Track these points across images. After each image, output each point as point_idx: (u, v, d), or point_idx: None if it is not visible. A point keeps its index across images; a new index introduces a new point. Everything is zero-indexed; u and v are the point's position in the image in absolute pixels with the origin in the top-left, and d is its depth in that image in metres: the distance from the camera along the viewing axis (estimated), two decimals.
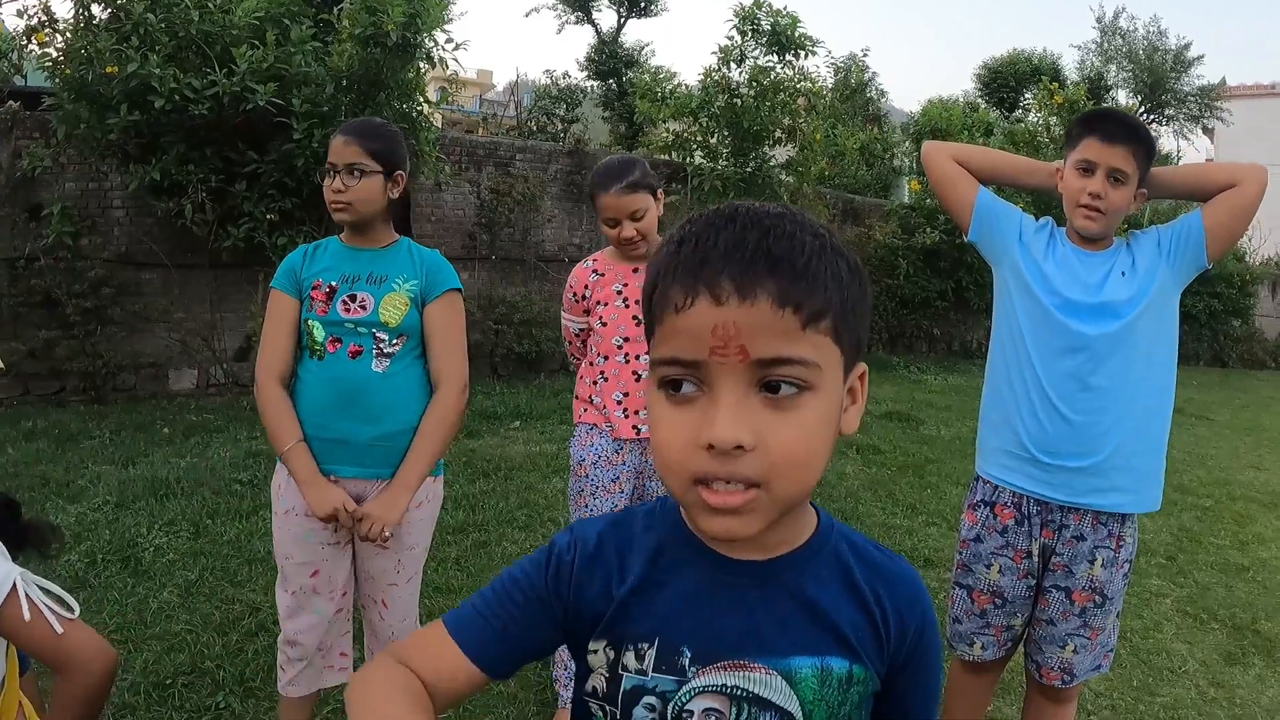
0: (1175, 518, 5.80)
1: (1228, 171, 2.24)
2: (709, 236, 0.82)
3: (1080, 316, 2.22)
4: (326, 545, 2.32)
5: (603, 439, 2.75)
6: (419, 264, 2.35)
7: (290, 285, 2.33)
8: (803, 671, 0.91)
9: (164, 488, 4.86)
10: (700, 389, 0.82)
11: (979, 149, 2.54)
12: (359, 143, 2.29)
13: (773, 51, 9.81)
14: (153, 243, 7.23)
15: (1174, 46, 21.30)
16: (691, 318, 0.80)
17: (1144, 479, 2.26)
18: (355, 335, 2.27)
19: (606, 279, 2.80)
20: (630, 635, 0.94)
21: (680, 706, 0.91)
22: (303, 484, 2.23)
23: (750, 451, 0.79)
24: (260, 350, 2.33)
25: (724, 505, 0.81)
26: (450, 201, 8.86)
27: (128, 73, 6.05)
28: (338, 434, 2.26)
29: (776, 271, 0.80)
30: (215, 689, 2.95)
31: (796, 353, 0.80)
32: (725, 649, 0.91)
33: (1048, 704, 2.43)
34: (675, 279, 0.83)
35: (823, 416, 0.83)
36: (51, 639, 1.34)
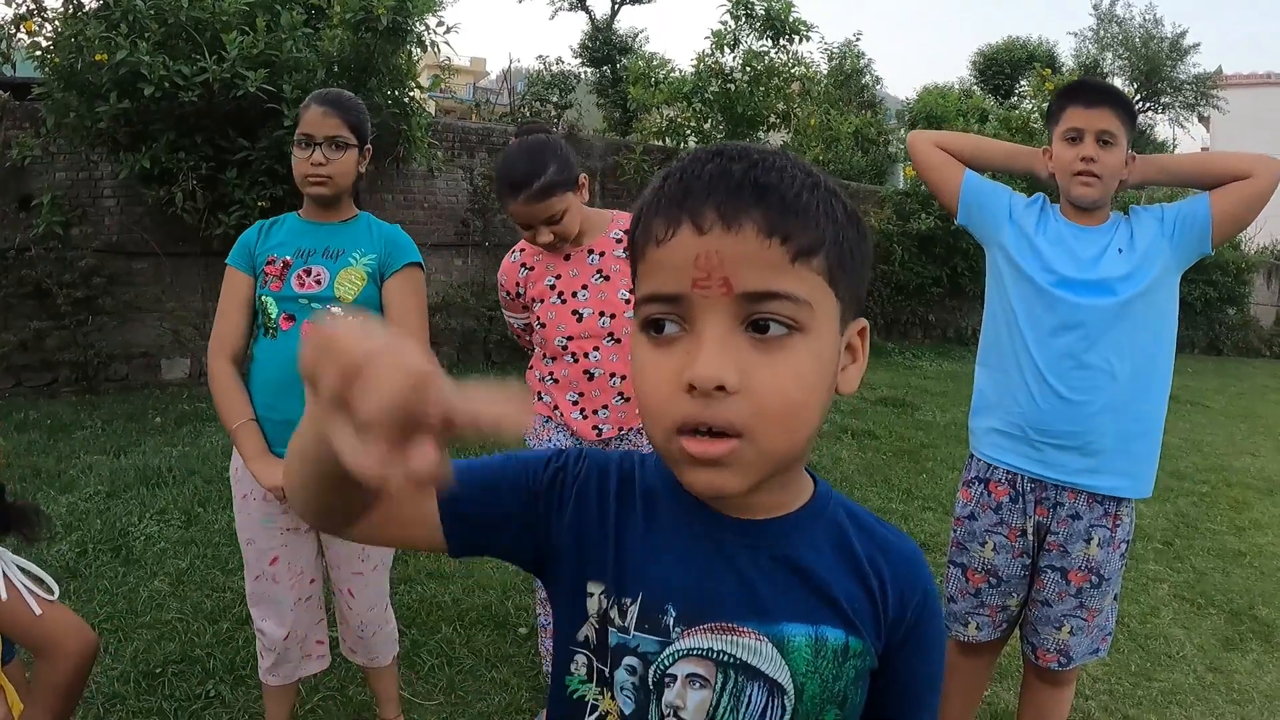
0: (1172, 503, 5.80)
1: (1242, 161, 2.20)
2: (694, 169, 0.78)
3: (1075, 292, 2.19)
4: (286, 530, 2.28)
5: (560, 434, 2.58)
6: (378, 238, 2.28)
7: (244, 261, 2.25)
8: (796, 640, 0.84)
9: (155, 476, 4.83)
10: (683, 328, 0.77)
11: (963, 135, 2.52)
12: (339, 115, 2.22)
13: (766, 36, 9.76)
14: (143, 232, 7.17)
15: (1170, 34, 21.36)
16: (673, 249, 0.76)
17: (1139, 463, 2.24)
18: (309, 311, 2.19)
19: (537, 273, 2.57)
20: (616, 588, 0.87)
21: (663, 670, 0.84)
22: (249, 459, 2.16)
23: (734, 394, 0.73)
24: (213, 329, 2.26)
25: (705, 454, 0.74)
26: (443, 188, 8.81)
27: (117, 60, 5.98)
28: (287, 415, 2.17)
29: (764, 200, 0.74)
30: (205, 677, 2.92)
31: (785, 287, 0.74)
32: (713, 610, 0.84)
33: (1045, 687, 2.40)
34: (658, 211, 0.78)
35: (815, 363, 0.77)
36: (29, 620, 1.32)
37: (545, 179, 2.33)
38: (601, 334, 2.48)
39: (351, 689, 2.86)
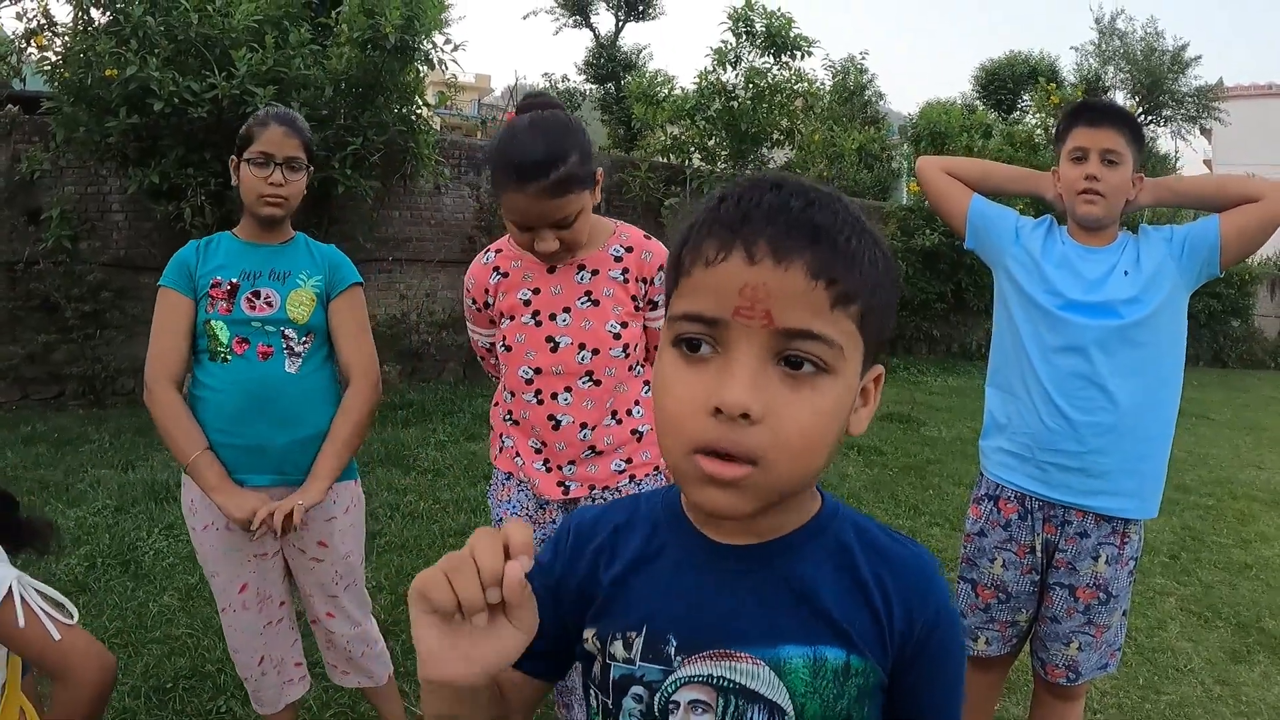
0: (1178, 516, 5.80)
1: (1252, 186, 2.23)
2: (753, 196, 0.80)
3: (1080, 314, 2.22)
4: (255, 557, 2.23)
5: (521, 493, 2.17)
6: (320, 260, 2.26)
7: (184, 283, 2.15)
8: (793, 662, 0.86)
9: (164, 491, 4.83)
10: (716, 350, 0.79)
11: (971, 160, 2.56)
12: (298, 135, 2.20)
13: (768, 53, 9.80)
14: (151, 246, 7.21)
15: (1171, 47, 21.40)
16: (721, 273, 0.78)
17: (1145, 483, 2.25)
18: (263, 334, 2.15)
19: (512, 280, 2.09)
20: (619, 624, 0.91)
21: (666, 697, 0.88)
22: (213, 491, 2.08)
23: (757, 423, 0.76)
24: (150, 353, 2.14)
25: (719, 475, 0.77)
26: (449, 205, 8.86)
27: (127, 76, 6.05)
28: (252, 440, 2.13)
29: (817, 241, 0.77)
30: (216, 693, 2.93)
31: (822, 329, 0.77)
32: (711, 638, 0.88)
33: (1055, 702, 2.42)
34: (711, 232, 0.80)
35: (836, 404, 0.80)
36: (48, 645, 1.32)
37: (565, 169, 1.84)
38: (578, 372, 2.04)
39: (363, 706, 2.86)
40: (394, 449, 6.06)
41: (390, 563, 4.06)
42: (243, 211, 2.24)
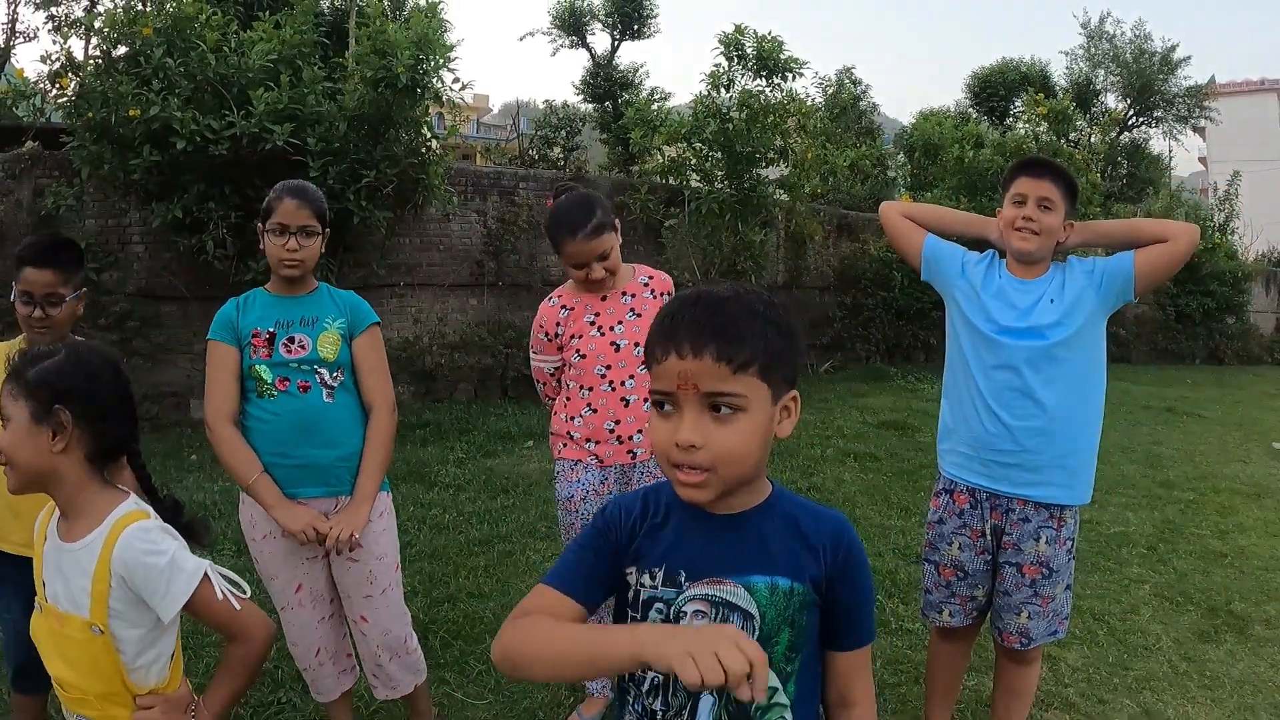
0: (1159, 511, 6.06)
1: (1161, 227, 2.63)
2: (681, 313, 1.31)
3: (1012, 336, 2.64)
4: (306, 560, 2.64)
5: (589, 473, 2.91)
6: (342, 305, 2.65)
7: (229, 335, 2.56)
8: (758, 585, 1.36)
9: (202, 511, 5.13)
10: (675, 408, 1.30)
11: (926, 206, 3.00)
12: (310, 206, 2.60)
13: (760, 75, 10.10)
14: (173, 277, 7.55)
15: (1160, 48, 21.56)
16: (667, 366, 1.29)
17: (1073, 476, 2.66)
18: (301, 373, 2.54)
19: (577, 312, 2.93)
20: (647, 563, 1.40)
21: (678, 609, 1.36)
22: (272, 508, 2.49)
23: (701, 449, 1.27)
24: (207, 397, 2.56)
25: (688, 481, 1.30)
26: (458, 231, 9.17)
27: (149, 115, 6.39)
28: (303, 460, 2.53)
29: (717, 337, 1.27)
30: (275, 686, 3.27)
31: (730, 389, 1.27)
32: (707, 570, 1.37)
33: (1013, 665, 2.83)
34: (658, 341, 1.31)
35: (752, 427, 1.30)
36: (233, 614, 1.73)
37: (597, 219, 2.79)
38: (636, 362, 2.86)
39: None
40: (415, 466, 6.38)
41: (421, 569, 4.42)
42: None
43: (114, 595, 1.64)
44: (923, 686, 3.16)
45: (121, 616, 1.66)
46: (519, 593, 4.11)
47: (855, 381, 11.37)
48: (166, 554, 1.65)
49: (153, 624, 1.69)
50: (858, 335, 12.96)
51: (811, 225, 11.82)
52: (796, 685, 1.39)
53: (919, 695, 3.24)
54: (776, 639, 1.36)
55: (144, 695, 1.71)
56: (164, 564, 1.64)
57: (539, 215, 9.57)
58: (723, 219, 10.12)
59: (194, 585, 1.67)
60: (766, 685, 1.12)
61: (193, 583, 1.67)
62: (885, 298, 12.83)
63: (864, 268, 12.91)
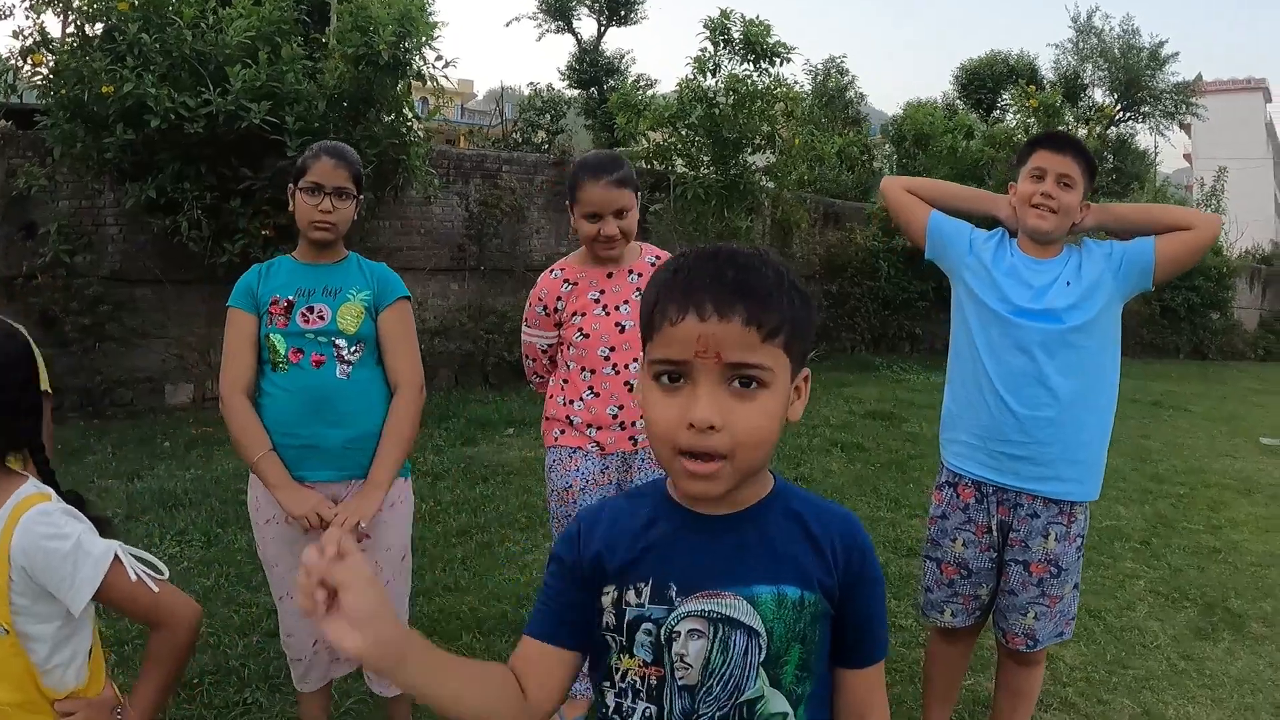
0: (1151, 505, 5.99)
1: (1184, 215, 2.51)
2: (699, 268, 1.11)
3: (1026, 318, 2.46)
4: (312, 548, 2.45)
5: (588, 461, 2.73)
6: (370, 276, 2.48)
7: (248, 303, 2.41)
8: (763, 596, 1.16)
9: (172, 499, 4.99)
10: (685, 382, 1.09)
11: (931, 181, 2.82)
12: (346, 167, 2.43)
13: (747, 60, 9.95)
14: (147, 259, 7.36)
15: (1149, 44, 21.59)
16: (682, 329, 1.08)
17: (1085, 470, 2.50)
18: (316, 345, 2.38)
19: (580, 288, 2.73)
20: (631, 579, 1.19)
21: (670, 629, 1.16)
22: (276, 489, 2.32)
23: (720, 431, 1.07)
24: (223, 367, 2.41)
25: (699, 472, 1.09)
26: (439, 214, 9.01)
27: (123, 92, 6.19)
28: (309, 440, 2.36)
29: (747, 298, 1.08)
30: (242, 685, 3.09)
31: (758, 359, 1.08)
32: (703, 582, 1.17)
33: (1017, 668, 2.67)
34: (671, 299, 1.10)
35: (775, 407, 1.12)
36: (151, 597, 1.55)
37: (625, 170, 2.64)
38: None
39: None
40: None
41: None
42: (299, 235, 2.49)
43: (16, 588, 1.46)
44: (918, 686, 3.04)
45: (27, 612, 1.48)
46: (497, 585, 3.98)
47: (841, 371, 11.29)
48: (70, 537, 1.47)
49: (64, 618, 1.51)
50: (843, 325, 12.91)
51: (798, 213, 11.73)
52: (808, 710, 1.20)
53: (914, 695, 3.10)
54: (786, 658, 1.17)
55: (62, 700, 1.53)
56: (68, 549, 1.46)
57: (522, 199, 9.45)
58: (708, 205, 10.00)
59: (103, 570, 1.49)
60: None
61: (101, 567, 1.49)
62: (871, 287, 12.77)
63: (850, 257, 12.83)
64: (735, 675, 1.16)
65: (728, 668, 1.15)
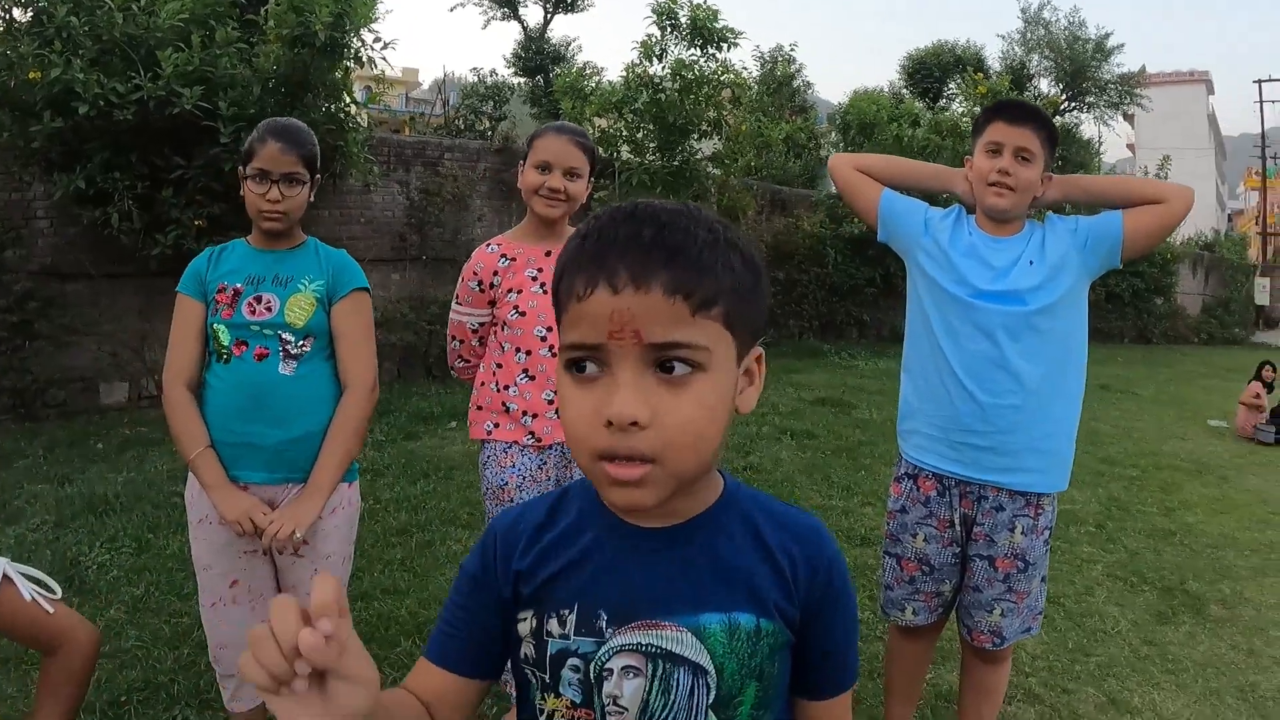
0: (1104, 488, 6.00)
1: (1154, 187, 2.35)
2: (610, 230, 0.89)
3: (988, 300, 2.31)
4: (245, 553, 2.27)
5: (524, 456, 2.53)
6: (325, 264, 2.31)
7: (196, 289, 2.26)
8: (711, 627, 0.97)
9: (103, 504, 4.77)
10: (602, 370, 0.88)
11: (882, 157, 2.64)
12: (296, 151, 2.24)
13: (694, 45, 9.84)
14: (78, 253, 7.08)
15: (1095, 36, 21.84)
16: (592, 305, 0.87)
17: (1051, 460, 2.35)
18: (261, 337, 2.22)
19: (518, 264, 2.54)
20: (552, 603, 1.00)
21: (601, 665, 0.97)
22: (210, 489, 2.17)
23: (646, 428, 0.86)
24: (167, 356, 2.26)
25: (623, 477, 0.87)
26: (379, 203, 8.82)
27: (51, 78, 5.93)
28: (245, 438, 2.20)
29: (670, 261, 0.86)
30: (171, 703, 2.90)
31: (687, 337, 0.87)
32: (638, 610, 0.97)
33: (982, 665, 2.54)
34: (579, 270, 0.89)
35: (716, 395, 0.90)
36: (45, 620, 1.43)
37: (588, 141, 2.55)
38: None
39: None
40: None
41: None
42: None
43: None
44: (878, 683, 2.92)
45: None
46: (438, 587, 3.81)
47: (789, 358, 11.27)
48: None
49: None
50: (791, 311, 12.90)
51: (744, 200, 11.67)
52: None
53: (874, 692, 2.98)
54: (740, 698, 0.98)
55: None
56: None
57: (464, 187, 9.30)
58: (653, 192, 9.87)
59: None
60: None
61: None
62: (819, 274, 12.77)
63: (797, 244, 12.81)
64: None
65: (670, 712, 0.97)
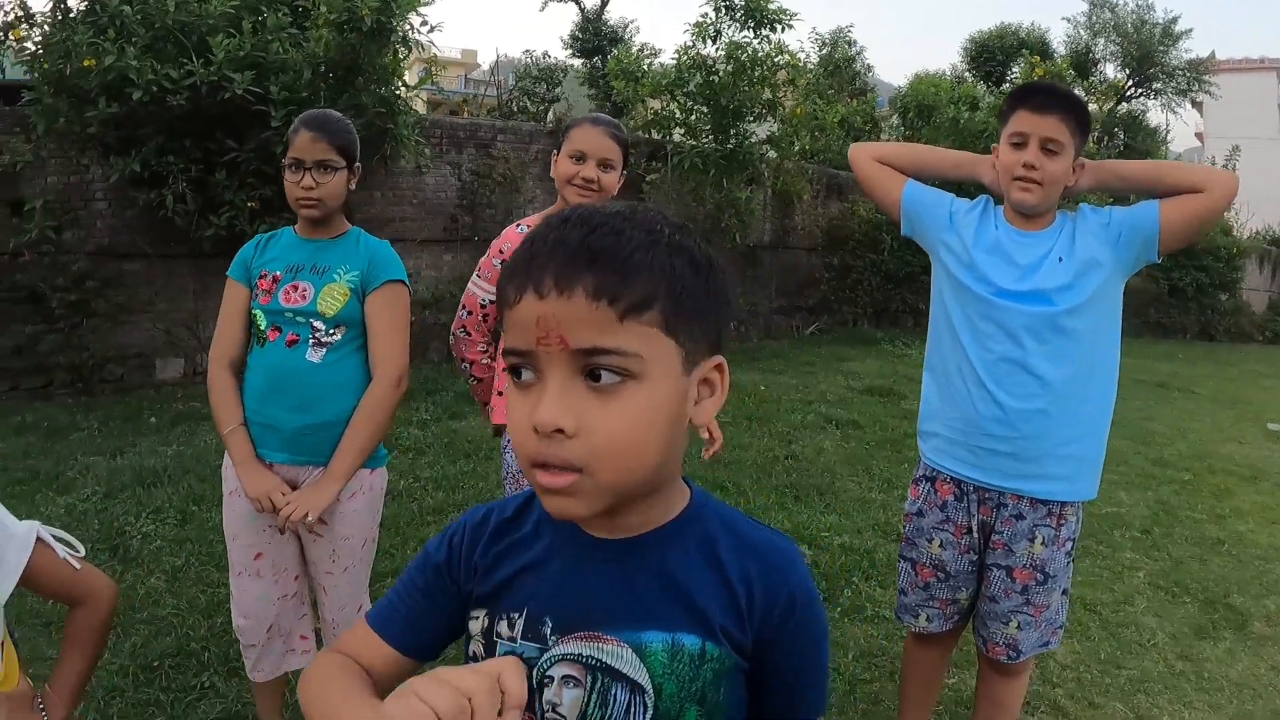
0: (1153, 491, 5.84)
1: (1194, 174, 2.18)
2: (543, 236, 0.89)
3: (1012, 300, 2.21)
4: (270, 528, 2.36)
5: None
6: (364, 255, 2.37)
7: (242, 274, 2.39)
8: (653, 646, 0.96)
9: (151, 476, 4.90)
10: (536, 375, 0.88)
11: (903, 145, 2.54)
12: (328, 139, 2.31)
13: (747, 26, 9.73)
14: (135, 234, 7.22)
15: (1162, 20, 21.29)
16: (520, 311, 0.87)
17: (1076, 466, 2.26)
18: (294, 324, 2.31)
19: None
20: (504, 606, 1.01)
21: (543, 672, 0.98)
22: (238, 465, 2.30)
23: (572, 437, 0.85)
24: (214, 337, 2.41)
25: (550, 485, 0.87)
26: (431, 184, 8.85)
27: (105, 65, 6.06)
28: (268, 420, 2.31)
29: (594, 265, 0.85)
30: (201, 669, 3.03)
31: (613, 343, 0.85)
32: (582, 621, 0.97)
33: (997, 678, 2.47)
34: (511, 275, 0.89)
35: (650, 406, 0.87)
36: (74, 575, 1.55)
37: (624, 133, 2.58)
38: None
39: None
40: None
41: None
42: None
43: None
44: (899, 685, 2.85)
45: None
46: None
47: (840, 345, 11.16)
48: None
49: None
50: (844, 298, 12.75)
51: (799, 184, 11.55)
52: None
53: (894, 693, 2.94)
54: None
55: None
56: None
57: (515, 169, 9.28)
58: (707, 175, 9.82)
59: (28, 551, 1.48)
60: None
61: (27, 548, 1.48)
62: (874, 260, 12.58)
63: (852, 229, 12.65)
64: None
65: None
